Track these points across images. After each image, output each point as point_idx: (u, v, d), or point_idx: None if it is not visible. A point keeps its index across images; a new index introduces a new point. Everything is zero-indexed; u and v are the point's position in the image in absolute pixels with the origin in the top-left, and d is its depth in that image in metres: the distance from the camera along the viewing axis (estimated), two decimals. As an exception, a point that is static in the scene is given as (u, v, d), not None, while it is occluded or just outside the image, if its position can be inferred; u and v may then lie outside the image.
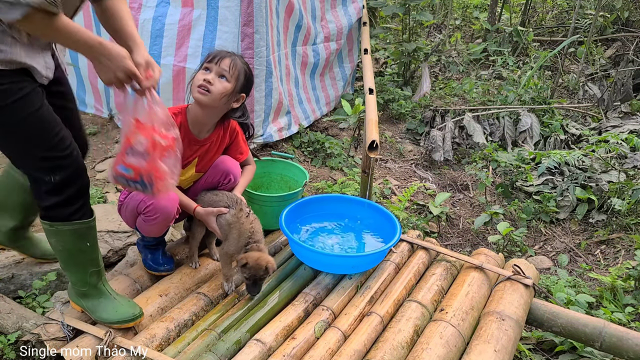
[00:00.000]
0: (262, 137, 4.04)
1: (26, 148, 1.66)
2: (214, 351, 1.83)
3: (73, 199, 1.75)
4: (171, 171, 1.69)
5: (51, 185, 1.70)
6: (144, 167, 1.65)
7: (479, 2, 8.13)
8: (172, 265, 2.27)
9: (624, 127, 4.61)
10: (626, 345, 2.11)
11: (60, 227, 1.78)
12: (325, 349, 1.88)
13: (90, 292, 1.92)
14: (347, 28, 5.01)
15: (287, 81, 4.38)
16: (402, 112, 5.10)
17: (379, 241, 2.53)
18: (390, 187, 3.85)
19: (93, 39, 1.56)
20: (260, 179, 2.79)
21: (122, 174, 1.69)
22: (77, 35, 1.53)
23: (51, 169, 1.68)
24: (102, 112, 4.27)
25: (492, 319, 2.08)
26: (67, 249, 1.84)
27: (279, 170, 2.84)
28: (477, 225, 3.35)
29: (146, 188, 1.68)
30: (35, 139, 1.64)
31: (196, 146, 2.20)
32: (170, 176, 1.69)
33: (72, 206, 1.76)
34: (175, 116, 2.09)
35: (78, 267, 1.89)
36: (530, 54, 6.53)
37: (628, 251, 3.23)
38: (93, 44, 1.56)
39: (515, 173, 4.00)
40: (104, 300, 1.92)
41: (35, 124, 1.62)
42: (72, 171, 1.72)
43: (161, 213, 2.02)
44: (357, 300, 2.18)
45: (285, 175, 2.83)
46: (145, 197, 2.00)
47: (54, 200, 1.73)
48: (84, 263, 1.88)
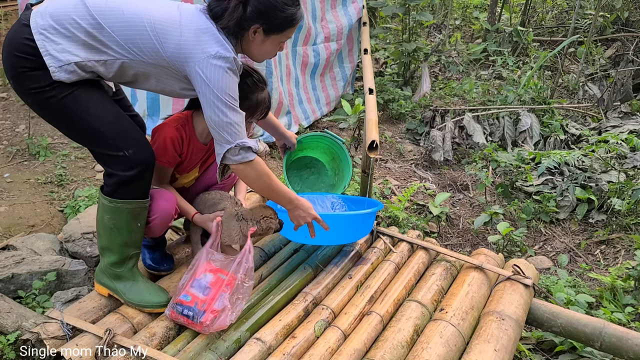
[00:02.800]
0: (261, 137, 4.04)
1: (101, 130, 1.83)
2: (213, 350, 1.83)
3: (144, 173, 1.87)
4: (232, 305, 1.90)
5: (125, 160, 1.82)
6: (201, 298, 1.90)
7: (479, 2, 8.13)
8: (172, 264, 2.27)
9: (623, 127, 4.61)
10: (626, 345, 2.11)
11: (119, 205, 1.87)
12: (325, 348, 1.88)
13: (125, 274, 1.98)
14: (347, 28, 5.01)
15: (288, 81, 4.39)
16: (402, 112, 5.10)
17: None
18: (390, 187, 3.85)
19: (291, 193, 2.06)
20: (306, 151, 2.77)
21: (181, 301, 1.91)
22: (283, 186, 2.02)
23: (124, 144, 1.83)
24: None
25: (492, 319, 2.08)
26: (118, 227, 1.91)
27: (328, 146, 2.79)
28: (477, 225, 3.35)
29: (196, 316, 1.87)
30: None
31: (202, 152, 2.20)
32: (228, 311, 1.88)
33: (142, 184, 1.88)
34: (183, 127, 2.11)
35: (122, 248, 1.95)
36: (530, 54, 6.53)
37: (628, 251, 3.23)
38: (292, 198, 2.05)
39: (515, 173, 4.00)
40: (136, 284, 1.99)
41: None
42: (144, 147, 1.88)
43: (160, 214, 2.02)
44: (357, 299, 2.18)
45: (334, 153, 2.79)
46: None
47: (129, 175, 1.83)
48: (129, 244, 1.96)
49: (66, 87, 1.75)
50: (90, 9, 1.73)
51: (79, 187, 3.30)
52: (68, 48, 1.71)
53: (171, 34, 1.75)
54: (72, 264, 2.40)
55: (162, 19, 1.76)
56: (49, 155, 3.63)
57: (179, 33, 1.75)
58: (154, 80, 1.86)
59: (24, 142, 3.73)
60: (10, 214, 2.97)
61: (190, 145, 2.13)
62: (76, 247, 2.58)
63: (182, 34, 1.75)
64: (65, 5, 1.74)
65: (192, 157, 2.18)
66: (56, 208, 3.09)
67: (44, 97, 1.75)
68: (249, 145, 1.83)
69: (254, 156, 1.86)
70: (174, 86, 1.88)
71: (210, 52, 1.74)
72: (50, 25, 1.71)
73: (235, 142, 1.81)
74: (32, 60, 1.71)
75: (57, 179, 3.34)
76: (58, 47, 1.70)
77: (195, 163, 2.23)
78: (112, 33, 1.73)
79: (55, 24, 1.71)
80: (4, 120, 4.10)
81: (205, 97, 1.78)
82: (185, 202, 2.21)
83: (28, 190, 3.23)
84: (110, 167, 1.86)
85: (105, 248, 1.98)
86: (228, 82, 1.77)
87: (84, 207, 2.95)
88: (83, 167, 3.57)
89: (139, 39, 1.75)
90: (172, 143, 2.06)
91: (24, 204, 3.08)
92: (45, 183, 3.31)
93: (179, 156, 2.12)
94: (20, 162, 3.55)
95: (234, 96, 1.80)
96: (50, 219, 2.99)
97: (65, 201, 3.14)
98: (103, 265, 2.00)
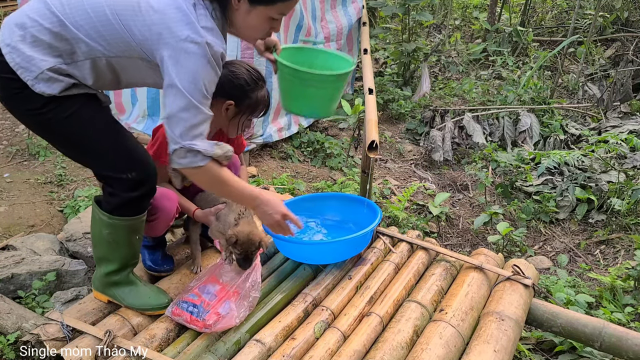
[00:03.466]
0: (261, 137, 4.04)
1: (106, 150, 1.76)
2: (213, 352, 1.83)
3: (147, 195, 1.82)
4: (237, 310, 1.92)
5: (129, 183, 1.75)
6: (207, 301, 1.94)
7: (478, 2, 8.13)
8: (172, 265, 2.27)
9: (623, 127, 4.61)
10: (626, 345, 2.11)
11: (118, 222, 1.82)
12: (325, 349, 1.88)
13: (123, 279, 1.95)
14: (347, 28, 5.01)
15: (287, 81, 4.38)
16: (401, 112, 5.10)
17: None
18: (389, 187, 3.85)
19: (253, 190, 1.79)
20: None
21: (188, 299, 1.95)
22: (242, 187, 1.76)
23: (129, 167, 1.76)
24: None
25: (491, 319, 2.08)
26: (117, 242, 1.87)
27: (322, 61, 2.32)
28: (477, 225, 3.35)
29: (200, 313, 1.90)
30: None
31: None
32: (233, 313, 1.90)
33: (144, 203, 1.83)
34: None
35: (121, 259, 1.92)
36: (530, 54, 6.53)
37: (628, 251, 3.23)
38: (254, 195, 1.79)
39: (515, 173, 4.00)
40: (135, 288, 1.96)
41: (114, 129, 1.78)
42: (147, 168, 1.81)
43: (161, 213, 2.03)
44: (356, 300, 2.18)
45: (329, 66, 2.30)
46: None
47: (132, 196, 1.77)
48: (128, 256, 1.93)
49: (64, 108, 1.64)
50: (49, 4, 1.58)
51: (79, 187, 3.31)
52: (36, 55, 1.57)
53: (135, 17, 1.56)
54: (72, 264, 2.40)
55: (124, 2, 1.57)
56: (49, 155, 3.62)
57: (142, 14, 1.55)
58: (136, 74, 1.68)
59: (23, 142, 3.73)
60: (10, 214, 2.97)
61: None
62: (77, 246, 2.58)
63: (147, 14, 1.55)
64: (26, 7, 1.61)
65: None
66: (56, 208, 3.09)
67: (43, 120, 1.65)
68: (198, 149, 1.60)
69: (205, 162, 1.62)
70: (155, 79, 1.68)
71: (179, 35, 1.53)
72: (16, 35, 1.58)
73: (182, 143, 1.59)
74: (16, 80, 1.58)
75: (56, 179, 3.34)
76: (26, 56, 1.56)
77: None
78: (75, 29, 1.58)
79: (19, 31, 1.58)
80: (4, 120, 4.10)
81: (170, 83, 1.56)
82: (186, 200, 2.21)
83: (28, 190, 3.22)
84: (112, 187, 1.79)
85: (103, 258, 1.94)
86: (201, 72, 1.55)
87: (84, 207, 2.95)
88: (83, 167, 3.57)
89: (103, 31, 1.58)
90: None
91: (23, 204, 3.08)
92: (45, 183, 3.31)
93: None
94: (20, 162, 3.55)
95: (204, 90, 1.57)
96: (50, 219, 2.99)
97: (65, 201, 3.14)
98: (100, 274, 1.96)
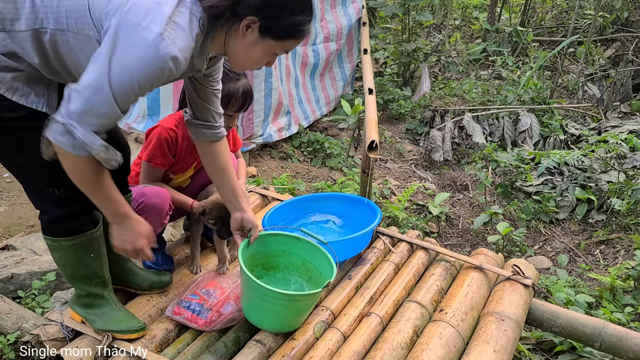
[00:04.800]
0: (261, 137, 4.04)
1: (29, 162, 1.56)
2: (213, 352, 1.83)
3: (77, 213, 1.67)
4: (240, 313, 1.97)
5: (56, 197, 1.60)
6: (208, 301, 1.98)
7: (478, 2, 8.13)
8: (172, 265, 2.27)
9: (623, 127, 4.61)
10: (625, 345, 2.11)
11: (63, 243, 1.69)
12: (325, 349, 1.88)
13: (95, 302, 1.84)
14: (347, 28, 5.01)
15: (287, 81, 4.39)
16: (401, 112, 5.10)
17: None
18: (389, 187, 3.85)
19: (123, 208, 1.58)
20: (277, 259, 2.13)
21: (190, 299, 1.97)
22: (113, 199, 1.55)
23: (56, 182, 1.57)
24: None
25: (491, 319, 2.08)
26: (70, 263, 1.75)
27: (303, 253, 2.10)
28: (477, 225, 3.35)
29: (201, 312, 1.93)
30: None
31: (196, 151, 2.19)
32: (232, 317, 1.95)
33: (77, 220, 1.67)
34: (176, 127, 2.10)
35: (83, 281, 1.80)
36: (530, 54, 6.53)
37: (627, 251, 3.23)
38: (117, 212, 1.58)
39: (515, 173, 4.01)
40: (108, 311, 1.85)
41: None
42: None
43: (152, 210, 2.00)
44: (356, 300, 2.18)
45: (308, 262, 2.10)
46: (137, 195, 1.97)
47: (57, 213, 1.64)
48: (89, 276, 1.80)
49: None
50: None
51: (79, 188, 3.30)
52: None
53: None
54: (72, 265, 2.40)
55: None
56: (49, 155, 3.62)
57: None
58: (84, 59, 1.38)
59: (23, 143, 3.73)
60: (10, 214, 2.97)
61: (183, 145, 2.13)
62: (76, 247, 2.58)
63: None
64: None
65: (186, 157, 2.17)
66: (56, 208, 3.09)
67: None
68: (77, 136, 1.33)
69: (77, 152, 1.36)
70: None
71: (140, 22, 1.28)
72: None
73: (68, 121, 1.32)
74: None
75: (56, 180, 3.34)
76: None
77: (190, 163, 2.21)
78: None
79: None
80: (3, 121, 4.10)
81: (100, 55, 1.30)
82: (181, 194, 2.18)
83: (28, 190, 3.22)
84: (37, 201, 1.65)
85: (69, 281, 1.86)
86: (135, 69, 1.29)
87: (84, 207, 2.95)
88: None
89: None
90: (166, 144, 2.06)
91: (23, 204, 3.08)
92: (44, 183, 3.31)
93: (173, 157, 2.12)
94: (20, 162, 3.55)
95: (130, 92, 1.32)
96: (50, 220, 2.99)
97: (65, 202, 3.14)
98: (74, 294, 1.89)
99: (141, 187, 2.03)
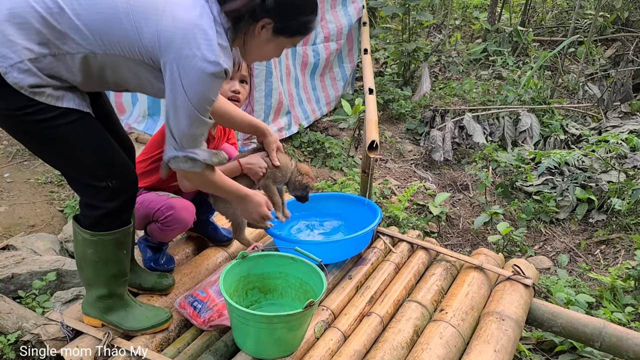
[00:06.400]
0: (262, 137, 4.04)
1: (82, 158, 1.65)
2: (213, 352, 1.83)
3: (127, 203, 1.73)
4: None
5: (109, 190, 1.65)
6: (214, 300, 1.94)
7: (478, 2, 8.13)
8: (173, 265, 2.27)
9: (623, 127, 4.62)
10: (626, 345, 2.11)
11: (103, 237, 1.70)
12: (325, 349, 1.88)
13: (116, 303, 1.84)
14: (347, 28, 5.01)
15: (287, 81, 4.39)
16: (402, 112, 5.10)
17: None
18: (390, 187, 3.85)
19: (241, 191, 1.90)
20: (274, 281, 2.08)
21: (196, 295, 1.97)
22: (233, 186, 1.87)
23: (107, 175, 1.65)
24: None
25: (491, 319, 2.08)
26: (104, 260, 1.75)
27: (300, 274, 2.04)
28: (477, 225, 3.35)
29: (202, 310, 1.93)
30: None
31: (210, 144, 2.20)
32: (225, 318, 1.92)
33: (127, 212, 1.74)
34: None
35: (110, 279, 1.79)
36: (530, 54, 6.53)
37: (628, 251, 3.23)
38: (241, 195, 1.90)
39: (515, 173, 4.00)
40: (131, 310, 1.86)
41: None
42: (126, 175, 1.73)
43: (180, 225, 2.05)
44: (357, 300, 2.18)
45: (305, 283, 2.03)
46: (163, 206, 2.02)
47: (111, 206, 1.67)
48: (117, 275, 1.80)
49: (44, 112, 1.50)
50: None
51: (79, 188, 3.31)
52: (18, 40, 1.41)
53: (150, 20, 1.47)
54: (72, 264, 2.40)
55: (142, 3, 1.47)
56: (49, 155, 3.62)
57: (159, 19, 1.46)
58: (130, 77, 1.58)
59: (23, 142, 3.73)
60: (10, 214, 2.97)
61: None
62: (76, 247, 2.58)
63: (163, 20, 1.46)
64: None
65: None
66: (56, 208, 3.09)
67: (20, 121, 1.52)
68: (198, 158, 1.62)
69: (201, 168, 1.65)
70: (153, 85, 1.59)
71: (195, 52, 1.45)
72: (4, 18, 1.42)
73: (185, 152, 1.60)
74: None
75: (57, 179, 3.34)
76: (6, 40, 1.41)
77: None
78: (75, 18, 1.44)
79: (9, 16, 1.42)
80: (3, 121, 4.10)
81: (173, 99, 1.52)
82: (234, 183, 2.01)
83: (28, 190, 3.23)
84: (90, 197, 1.67)
85: (92, 281, 1.81)
86: (206, 91, 1.51)
87: (84, 207, 2.95)
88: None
89: (109, 28, 1.46)
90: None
91: (24, 204, 3.08)
92: (45, 183, 3.31)
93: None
94: (20, 162, 3.55)
95: (208, 106, 1.56)
96: (50, 219, 2.99)
97: (65, 201, 3.14)
98: (91, 298, 1.83)
99: (169, 199, 2.05)
